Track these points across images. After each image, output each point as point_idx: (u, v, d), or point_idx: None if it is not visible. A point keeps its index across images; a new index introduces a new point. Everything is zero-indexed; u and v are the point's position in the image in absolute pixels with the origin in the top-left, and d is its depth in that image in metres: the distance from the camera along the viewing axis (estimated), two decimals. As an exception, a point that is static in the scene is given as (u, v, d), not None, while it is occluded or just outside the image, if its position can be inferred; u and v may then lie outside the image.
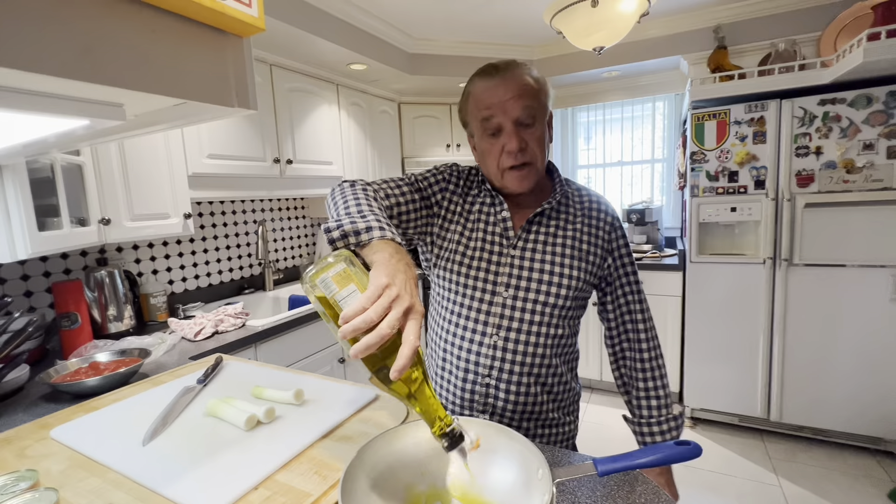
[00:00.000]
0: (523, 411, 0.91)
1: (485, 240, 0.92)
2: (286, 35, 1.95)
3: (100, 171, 1.46)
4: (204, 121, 0.67)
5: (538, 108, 0.84)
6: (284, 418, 0.87)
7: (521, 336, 0.88)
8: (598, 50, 1.73)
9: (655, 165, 3.37)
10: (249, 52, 0.59)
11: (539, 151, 0.86)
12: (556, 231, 0.91)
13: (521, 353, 0.88)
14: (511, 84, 0.83)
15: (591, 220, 0.93)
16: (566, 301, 0.90)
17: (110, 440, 0.82)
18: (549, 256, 0.90)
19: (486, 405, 0.91)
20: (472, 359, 0.90)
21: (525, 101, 0.83)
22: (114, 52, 0.45)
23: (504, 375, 0.89)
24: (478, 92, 0.86)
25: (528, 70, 0.86)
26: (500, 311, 0.89)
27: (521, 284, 0.89)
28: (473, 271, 0.91)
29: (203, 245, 2.20)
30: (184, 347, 1.54)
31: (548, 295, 0.88)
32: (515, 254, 0.90)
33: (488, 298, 0.89)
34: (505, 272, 0.90)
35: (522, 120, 0.84)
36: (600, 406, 2.88)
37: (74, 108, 0.53)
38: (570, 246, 0.90)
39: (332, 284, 0.56)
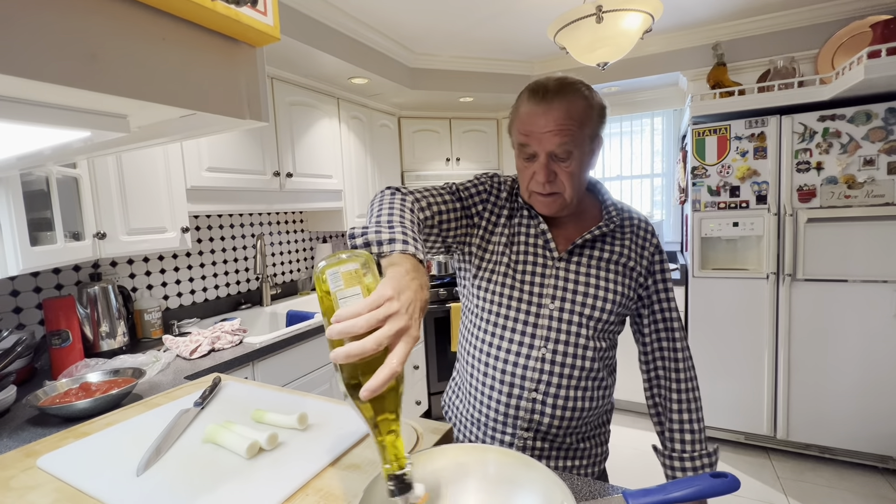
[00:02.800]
0: (568, 426, 0.90)
1: (528, 252, 0.92)
2: (288, 48, 1.94)
3: (96, 184, 1.42)
4: (213, 133, 0.65)
5: (577, 143, 0.82)
6: (288, 444, 0.82)
7: (569, 349, 0.88)
8: (602, 65, 1.73)
9: (654, 180, 3.38)
10: (262, 62, 0.56)
11: (569, 183, 0.85)
12: (605, 248, 0.91)
13: (569, 366, 0.88)
14: (555, 115, 0.81)
15: (639, 240, 0.93)
16: (611, 315, 0.90)
17: (102, 470, 0.77)
18: (595, 271, 0.90)
19: (531, 422, 0.89)
20: (518, 372, 0.89)
21: (563, 137, 0.81)
22: (121, 59, 0.42)
23: (552, 389, 0.88)
24: (522, 114, 0.85)
25: (578, 97, 0.82)
26: (548, 324, 0.88)
27: (567, 297, 0.89)
28: (519, 283, 0.90)
29: (200, 259, 2.15)
30: (179, 366, 1.48)
31: (593, 308, 0.89)
32: (561, 266, 0.90)
33: (535, 311, 0.89)
34: (550, 284, 0.90)
35: (557, 154, 0.83)
36: (619, 427, 2.82)
37: (75, 119, 0.50)
38: (616, 262, 0.91)
39: (340, 280, 0.53)
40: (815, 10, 2.26)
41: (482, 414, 0.93)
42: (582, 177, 0.87)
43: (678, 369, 0.94)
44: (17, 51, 0.34)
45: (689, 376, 0.94)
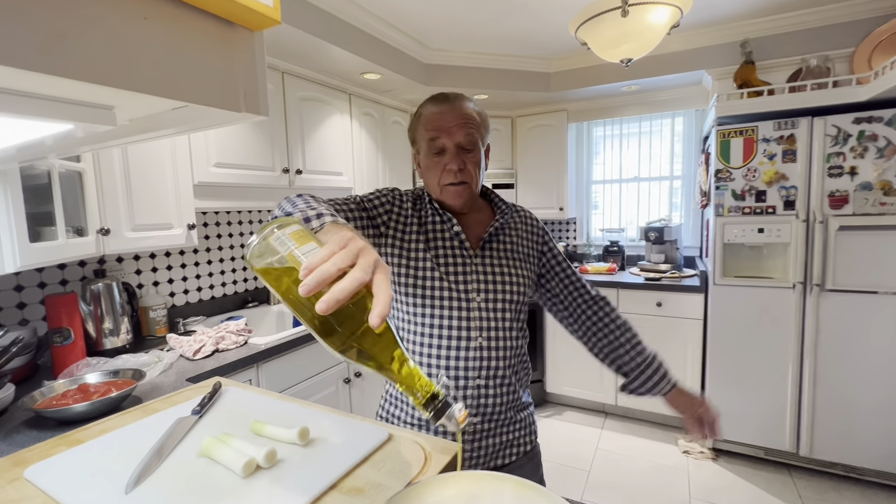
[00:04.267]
0: (507, 402, 1.00)
1: (447, 254, 1.00)
2: (300, 42, 1.89)
3: (101, 179, 1.39)
4: (208, 127, 0.59)
5: (478, 137, 0.97)
6: (287, 462, 0.77)
7: (499, 333, 0.98)
8: (626, 62, 1.65)
9: (674, 182, 3.27)
10: (262, 48, 0.50)
11: (474, 172, 0.97)
12: (506, 240, 1.04)
13: (503, 349, 0.98)
14: (457, 113, 0.95)
15: (528, 227, 1.08)
16: (524, 297, 1.03)
17: (90, 484, 0.72)
18: (505, 261, 1.02)
19: (478, 406, 0.97)
20: (461, 364, 0.96)
21: (467, 129, 0.95)
22: (95, 40, 0.36)
23: (492, 373, 0.97)
24: (427, 115, 0.97)
25: (472, 103, 1.00)
26: (478, 315, 0.97)
27: (489, 288, 0.99)
28: (447, 283, 0.97)
29: (207, 256, 2.12)
30: (182, 367, 1.45)
31: (513, 294, 1.00)
32: (477, 261, 1.00)
33: (465, 305, 0.97)
34: (472, 279, 0.98)
35: (464, 145, 0.95)
36: (615, 433, 2.74)
37: (53, 109, 0.45)
38: (517, 251, 1.04)
39: (290, 241, 0.48)
40: (851, 7, 2.14)
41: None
42: (482, 171, 1.00)
43: (606, 312, 1.09)
44: (-41, 25, 0.29)
45: (617, 314, 1.09)
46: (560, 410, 3.05)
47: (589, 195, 3.58)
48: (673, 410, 1.06)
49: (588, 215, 3.60)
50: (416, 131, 1.01)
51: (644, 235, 2.99)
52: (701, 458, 2.42)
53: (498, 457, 1.03)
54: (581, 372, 2.96)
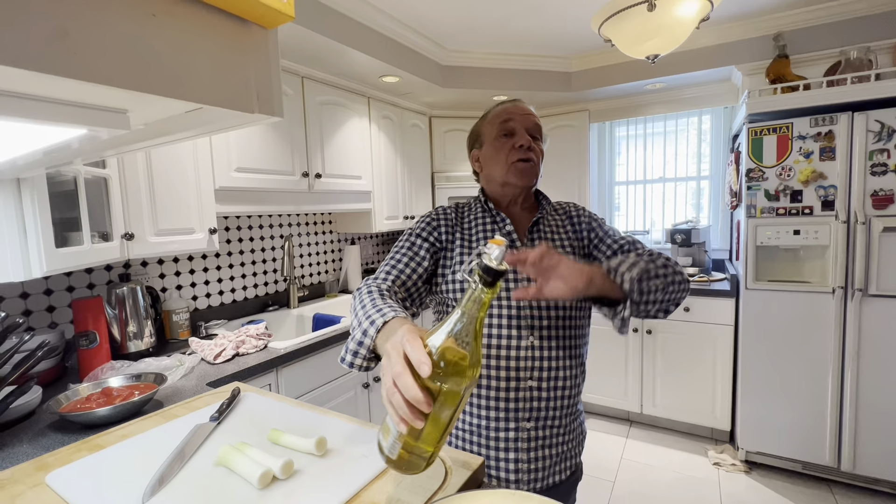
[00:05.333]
0: (561, 406, 0.96)
1: None
2: (319, 46, 1.90)
3: (125, 185, 1.41)
4: (222, 129, 0.57)
5: (542, 132, 1.04)
6: (303, 473, 0.75)
7: (552, 332, 0.94)
8: (652, 58, 1.59)
9: (701, 183, 3.16)
10: (275, 47, 0.48)
11: (538, 158, 1.01)
12: (552, 232, 1.02)
13: (556, 349, 0.94)
14: (526, 109, 1.03)
15: (572, 219, 1.06)
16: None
17: (109, 492, 0.72)
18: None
19: (531, 410, 0.94)
20: (512, 364, 0.93)
21: (536, 119, 1.03)
22: (100, 38, 0.34)
23: (544, 374, 0.93)
24: (499, 109, 1.04)
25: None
26: (530, 312, 0.93)
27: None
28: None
29: (228, 260, 2.14)
30: (203, 371, 1.45)
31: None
32: None
33: (515, 303, 0.93)
34: (524, 276, 0.94)
35: (532, 132, 1.01)
36: (640, 442, 2.65)
37: (65, 113, 0.44)
38: (566, 243, 1.01)
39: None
40: (894, -5, 2.02)
41: (480, 418, 0.96)
42: (541, 162, 1.03)
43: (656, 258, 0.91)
44: (-47, 22, 0.27)
45: (672, 262, 0.91)
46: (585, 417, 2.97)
47: (611, 197, 3.49)
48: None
49: (611, 217, 3.51)
50: (481, 126, 1.07)
51: (670, 238, 2.89)
52: (733, 471, 2.32)
53: (555, 472, 0.98)
54: (605, 379, 2.88)
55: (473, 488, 0.74)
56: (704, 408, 2.58)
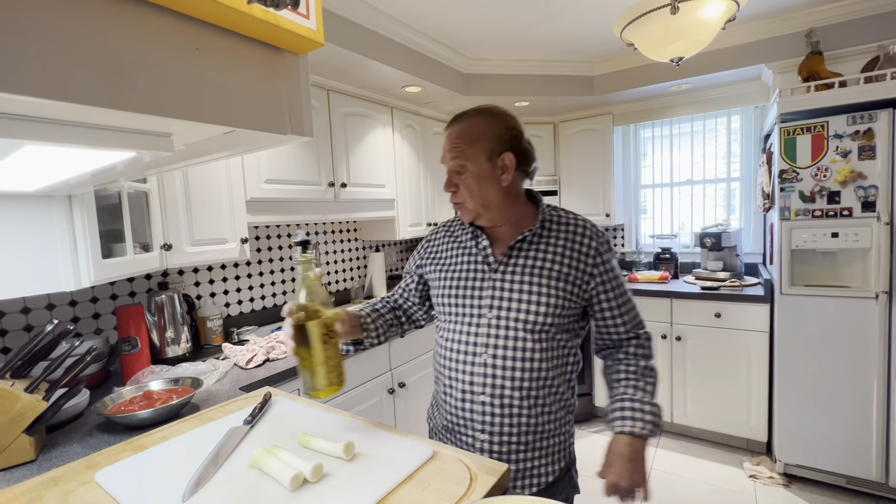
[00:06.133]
0: (519, 424, 0.97)
1: (468, 269, 1.03)
2: (344, 60, 1.96)
3: (164, 198, 1.48)
4: (256, 149, 0.61)
5: (468, 158, 0.96)
6: (332, 477, 0.77)
7: (507, 352, 0.96)
8: (677, 61, 1.57)
9: (732, 184, 3.07)
10: (306, 71, 0.51)
11: (468, 194, 0.97)
12: (536, 255, 0.99)
13: (510, 369, 0.95)
14: (451, 137, 0.98)
15: (575, 244, 0.99)
16: (547, 318, 0.95)
17: (152, 491, 0.76)
18: (529, 278, 0.97)
19: (483, 423, 0.97)
20: (466, 378, 0.99)
21: (454, 153, 0.97)
22: (150, 74, 0.38)
23: (497, 391, 0.96)
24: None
25: (480, 120, 0.98)
26: (487, 331, 0.97)
27: (503, 305, 0.97)
28: (460, 298, 1.01)
29: (258, 268, 2.22)
30: (236, 375, 1.51)
31: (528, 313, 0.95)
32: (497, 277, 0.99)
33: (475, 321, 0.99)
34: (487, 295, 0.99)
35: (454, 169, 0.98)
36: (670, 452, 2.58)
37: (115, 139, 0.48)
38: (550, 268, 0.97)
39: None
40: (937, -15, 1.93)
41: (449, 420, 1.03)
42: (484, 189, 0.96)
43: (627, 361, 1.02)
44: (30, 66, 0.30)
45: (638, 364, 1.00)
46: (610, 426, 2.91)
47: (637, 200, 3.43)
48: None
49: (637, 221, 3.45)
50: None
51: (699, 241, 2.81)
52: (771, 484, 2.22)
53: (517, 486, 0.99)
54: (632, 386, 2.81)
55: (498, 494, 0.75)
56: (739, 417, 2.49)
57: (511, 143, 0.97)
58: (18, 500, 0.76)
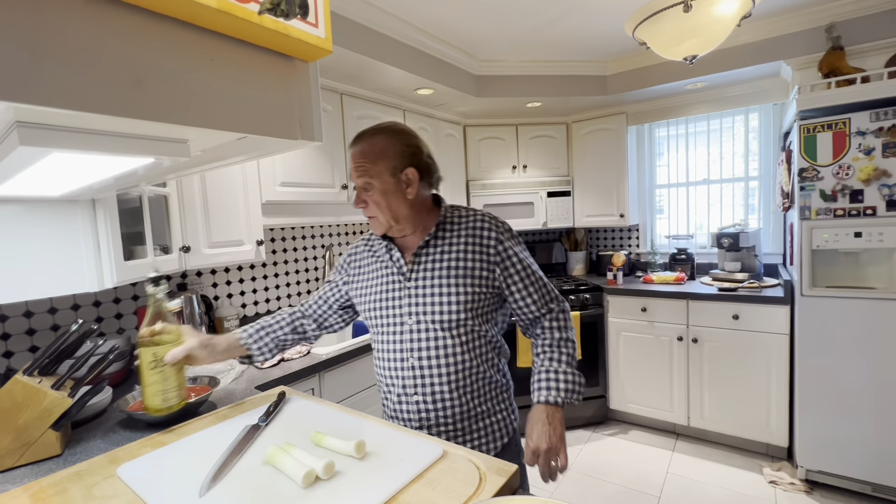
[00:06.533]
0: (454, 415, 1.05)
1: (386, 281, 1.10)
2: (356, 64, 1.98)
3: (183, 202, 1.53)
4: (269, 154, 0.63)
5: (373, 175, 1.01)
6: (344, 475, 0.79)
7: (430, 352, 1.04)
8: (690, 59, 1.55)
9: (749, 183, 3.01)
10: (316, 77, 0.53)
11: (377, 209, 1.02)
12: (440, 257, 1.05)
13: (436, 367, 1.03)
14: (355, 158, 1.02)
15: (475, 238, 1.05)
16: (461, 315, 1.03)
17: (171, 485, 0.78)
18: (438, 280, 1.04)
19: (420, 419, 1.07)
20: (398, 382, 1.08)
21: (358, 172, 1.01)
22: (168, 84, 0.39)
23: (428, 389, 1.04)
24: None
25: (380, 138, 1.03)
26: (410, 337, 1.05)
27: (419, 310, 1.04)
28: (382, 310, 1.09)
29: (274, 269, 2.26)
30: (251, 374, 1.54)
31: (442, 314, 1.03)
32: (411, 285, 1.06)
33: (398, 329, 1.06)
34: (406, 303, 1.06)
35: (361, 186, 1.03)
36: (687, 456, 2.53)
37: (135, 146, 0.50)
38: (457, 266, 1.04)
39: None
40: (965, -25, 1.86)
41: (391, 417, 1.13)
42: (392, 203, 1.02)
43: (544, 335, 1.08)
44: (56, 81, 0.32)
45: (557, 337, 1.07)
46: (625, 429, 2.88)
47: (652, 200, 3.39)
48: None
49: (652, 221, 3.40)
50: None
51: (716, 242, 2.76)
52: (792, 490, 2.17)
53: None
54: (648, 389, 2.78)
55: (507, 494, 0.75)
56: (758, 421, 2.43)
57: (412, 158, 1.03)
58: (45, 492, 0.79)
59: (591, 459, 2.56)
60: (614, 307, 2.85)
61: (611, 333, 2.88)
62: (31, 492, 0.80)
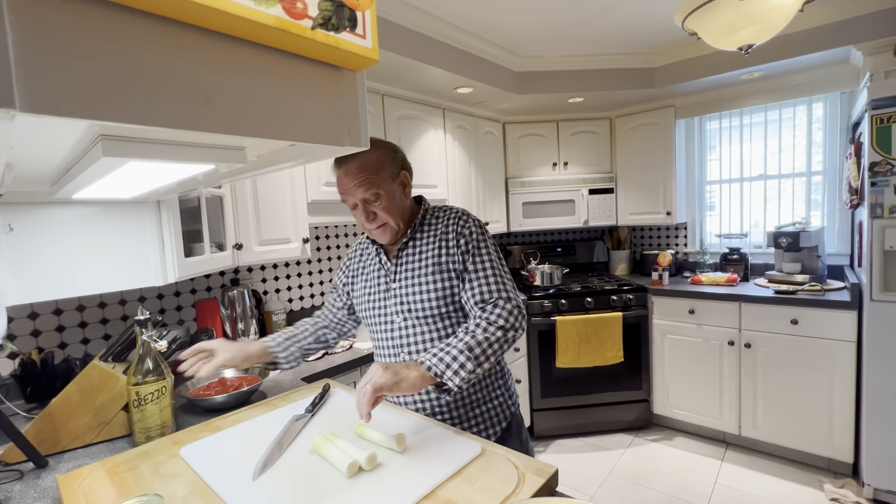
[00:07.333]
0: (447, 403, 1.10)
1: (376, 283, 1.15)
2: (397, 65, 2.02)
3: (236, 202, 1.62)
4: (318, 159, 0.66)
5: (379, 185, 1.04)
6: (385, 467, 0.82)
7: (419, 347, 1.09)
8: (746, 49, 1.46)
9: (812, 178, 2.80)
10: (363, 86, 0.55)
11: (388, 215, 1.07)
12: (419, 255, 1.10)
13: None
14: (353, 174, 1.03)
15: (444, 233, 1.10)
16: (441, 308, 1.07)
17: (226, 468, 0.84)
18: (417, 278, 1.08)
19: (418, 409, 1.11)
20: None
21: (365, 185, 1.03)
22: (232, 99, 0.43)
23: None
24: (336, 179, 1.08)
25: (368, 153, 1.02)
26: (399, 334, 1.11)
27: (404, 308, 1.09)
28: (374, 310, 1.15)
29: (318, 266, 2.34)
30: (298, 367, 1.61)
31: (424, 309, 1.07)
32: (395, 285, 1.11)
33: (388, 327, 1.12)
34: (392, 302, 1.11)
35: (368, 199, 1.05)
36: (738, 467, 2.41)
37: (199, 154, 0.54)
38: (433, 263, 1.08)
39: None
40: None
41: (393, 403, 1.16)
42: (398, 206, 1.08)
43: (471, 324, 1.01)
44: (136, 100, 0.36)
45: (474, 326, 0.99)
46: (670, 435, 2.77)
47: (702, 197, 3.22)
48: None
49: (701, 219, 3.24)
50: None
51: (773, 241, 2.59)
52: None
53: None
54: (696, 395, 2.66)
55: (546, 495, 0.75)
56: (819, 434, 2.27)
57: (402, 162, 1.11)
58: (119, 468, 0.87)
59: (632, 465, 2.49)
60: (659, 308, 2.75)
61: (655, 336, 2.78)
62: (107, 467, 0.88)
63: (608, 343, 2.65)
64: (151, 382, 1.03)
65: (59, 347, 1.49)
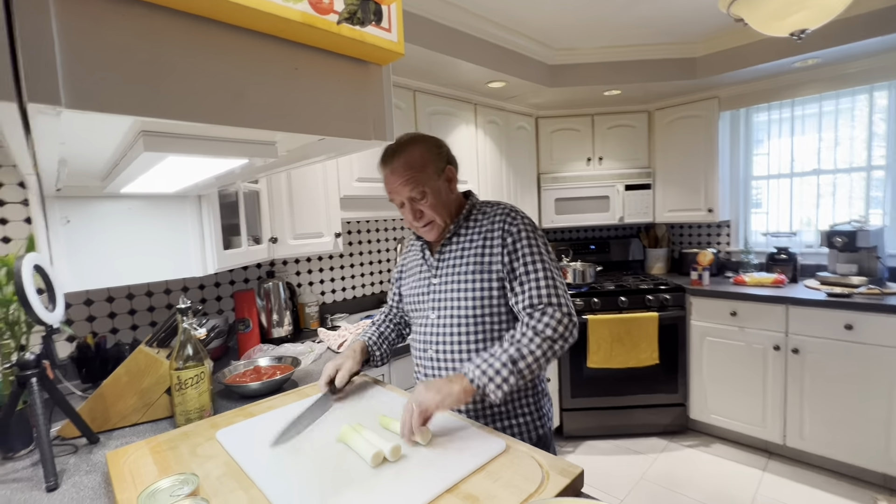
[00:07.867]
0: (466, 410, 1.07)
1: (420, 278, 1.15)
2: (428, 60, 2.02)
3: (271, 196, 1.67)
4: (346, 153, 0.67)
5: (425, 182, 1.04)
6: (409, 459, 0.82)
7: (447, 346, 1.08)
8: (799, 34, 1.37)
9: (872, 174, 2.59)
10: (388, 80, 0.55)
11: (434, 213, 1.06)
12: (461, 252, 1.08)
13: (450, 361, 1.07)
14: (398, 173, 1.03)
15: (491, 231, 1.06)
16: (477, 311, 1.04)
17: (259, 451, 0.88)
18: (456, 276, 1.07)
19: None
20: (422, 371, 1.15)
21: (411, 184, 1.03)
22: (261, 94, 0.44)
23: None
24: (383, 178, 1.08)
25: (413, 149, 1.04)
26: (431, 330, 1.10)
27: (440, 305, 1.09)
28: (415, 304, 1.16)
29: (350, 260, 2.39)
30: (329, 357, 1.65)
31: (459, 309, 1.06)
32: (436, 282, 1.11)
33: (423, 322, 1.13)
34: (430, 299, 1.11)
35: (414, 197, 1.04)
36: (781, 479, 2.28)
37: (233, 149, 0.56)
38: (474, 262, 1.06)
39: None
40: None
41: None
42: (445, 202, 1.07)
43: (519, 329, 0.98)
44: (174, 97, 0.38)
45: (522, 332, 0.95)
46: (707, 441, 2.66)
47: (747, 193, 3.05)
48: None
49: (746, 217, 3.07)
50: None
51: (826, 240, 2.43)
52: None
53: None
54: (736, 400, 2.53)
55: (570, 495, 0.74)
56: (874, 448, 2.11)
57: (447, 156, 1.09)
58: (161, 447, 0.92)
59: (666, 470, 2.40)
60: (698, 309, 2.63)
61: (693, 338, 2.67)
62: (150, 445, 0.94)
63: (642, 344, 2.57)
64: (191, 367, 1.08)
65: (111, 332, 1.59)
